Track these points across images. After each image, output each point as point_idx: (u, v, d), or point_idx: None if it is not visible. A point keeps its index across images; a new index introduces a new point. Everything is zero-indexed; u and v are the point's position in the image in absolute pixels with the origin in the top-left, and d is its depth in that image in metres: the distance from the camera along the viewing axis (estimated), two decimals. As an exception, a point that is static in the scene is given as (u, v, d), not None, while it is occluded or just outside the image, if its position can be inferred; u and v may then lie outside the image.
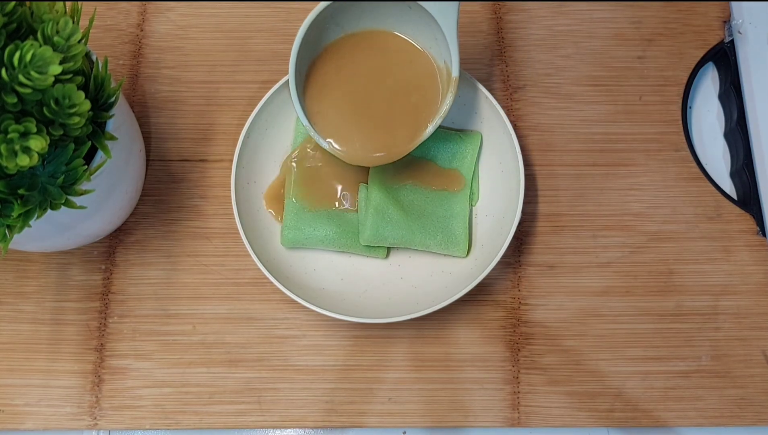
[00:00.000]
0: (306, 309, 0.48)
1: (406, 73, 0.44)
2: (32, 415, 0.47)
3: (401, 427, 0.47)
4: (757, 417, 0.47)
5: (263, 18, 0.55)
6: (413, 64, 0.44)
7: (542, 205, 0.51)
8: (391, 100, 0.43)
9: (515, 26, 0.55)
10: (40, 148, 0.32)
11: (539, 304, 0.49)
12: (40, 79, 0.31)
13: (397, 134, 0.44)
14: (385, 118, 0.44)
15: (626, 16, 0.56)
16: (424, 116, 0.44)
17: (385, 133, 0.44)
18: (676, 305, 0.49)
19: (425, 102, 0.43)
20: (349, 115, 0.43)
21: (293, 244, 0.48)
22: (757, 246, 0.50)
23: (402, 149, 0.44)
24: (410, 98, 0.43)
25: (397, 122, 0.44)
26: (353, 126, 0.43)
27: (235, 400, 0.47)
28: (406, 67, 0.44)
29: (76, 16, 0.37)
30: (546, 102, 0.53)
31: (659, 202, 0.51)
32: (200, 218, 0.51)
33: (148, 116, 0.53)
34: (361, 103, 0.43)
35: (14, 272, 0.49)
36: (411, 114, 0.44)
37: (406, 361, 0.48)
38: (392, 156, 0.44)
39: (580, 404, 0.47)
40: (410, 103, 0.43)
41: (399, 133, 0.44)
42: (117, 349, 0.48)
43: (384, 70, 0.43)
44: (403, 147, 0.44)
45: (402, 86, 0.44)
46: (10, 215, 0.35)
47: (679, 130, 0.53)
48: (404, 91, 0.44)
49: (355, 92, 0.43)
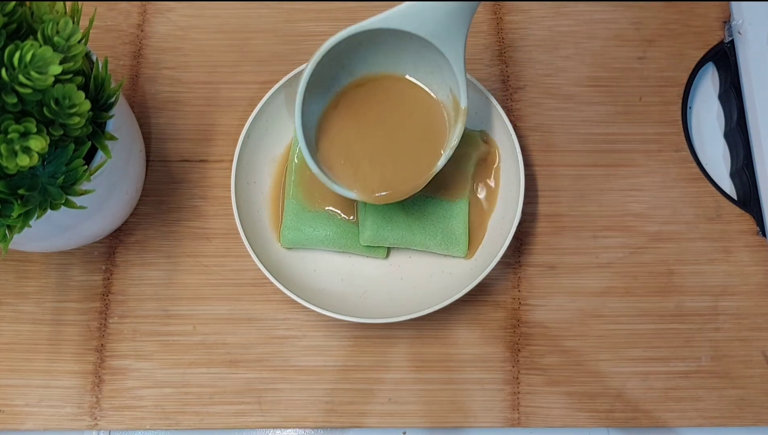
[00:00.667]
0: (306, 309, 0.48)
1: (413, 113, 0.43)
2: (32, 416, 0.47)
3: (401, 428, 0.47)
4: (756, 417, 0.47)
5: (264, 19, 0.55)
6: (420, 105, 0.43)
7: (542, 206, 0.51)
8: (401, 142, 0.43)
9: (515, 26, 0.55)
10: (40, 148, 0.32)
11: (539, 305, 0.49)
12: (40, 80, 0.31)
13: (410, 171, 0.43)
14: (396, 159, 0.43)
15: (626, 17, 0.56)
16: (435, 148, 0.43)
17: (398, 172, 0.43)
18: (676, 306, 0.49)
19: (435, 137, 0.43)
20: (362, 160, 0.43)
21: (293, 245, 0.48)
22: (757, 246, 0.50)
23: (420, 182, 0.43)
24: (420, 136, 0.43)
25: (409, 160, 0.43)
26: (368, 170, 0.43)
27: (235, 401, 0.47)
28: (413, 108, 0.43)
29: (76, 17, 0.37)
30: (546, 102, 0.53)
31: (659, 203, 0.51)
32: (200, 219, 0.51)
33: (149, 117, 0.53)
34: (372, 148, 0.43)
35: (14, 272, 0.49)
36: (422, 150, 0.43)
37: (406, 362, 0.48)
38: (411, 190, 0.43)
39: (581, 405, 0.47)
40: (421, 141, 0.43)
41: (413, 170, 0.43)
42: (117, 349, 0.48)
43: (391, 114, 0.43)
44: (421, 179, 0.43)
45: (410, 127, 0.43)
46: (10, 215, 0.35)
47: (679, 131, 0.53)
48: (413, 131, 0.43)
49: (366, 139, 0.43)
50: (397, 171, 0.43)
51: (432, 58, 0.40)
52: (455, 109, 0.42)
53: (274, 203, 0.49)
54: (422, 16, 0.38)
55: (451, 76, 0.41)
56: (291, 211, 0.48)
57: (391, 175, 0.43)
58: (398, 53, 0.41)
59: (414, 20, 0.38)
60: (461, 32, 0.39)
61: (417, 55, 0.41)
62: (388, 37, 0.39)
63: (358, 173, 0.43)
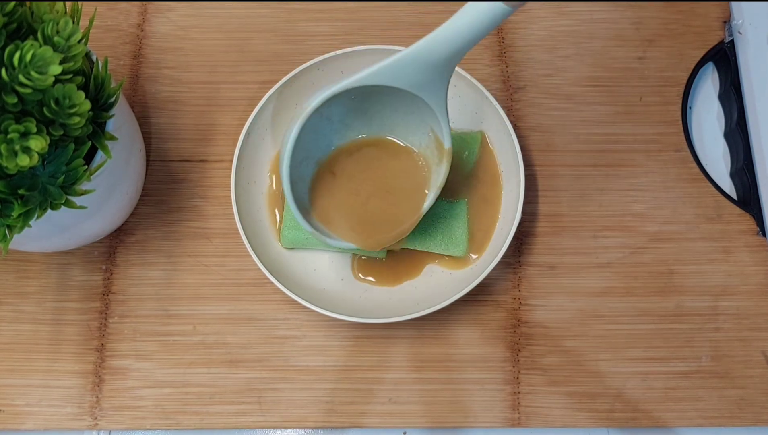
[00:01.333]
0: (306, 309, 0.48)
1: (397, 166, 0.45)
2: (33, 416, 0.47)
3: (401, 428, 0.47)
4: (756, 417, 0.47)
5: (264, 18, 0.55)
6: (403, 158, 0.45)
7: (543, 206, 0.51)
8: (389, 193, 0.45)
9: (515, 27, 0.55)
10: (40, 148, 0.32)
11: (539, 305, 0.49)
12: (40, 79, 0.31)
13: (400, 217, 0.45)
14: (387, 208, 0.45)
15: (626, 17, 0.56)
16: (421, 192, 0.45)
17: (389, 220, 0.45)
18: (676, 306, 0.49)
19: (418, 182, 0.45)
20: (356, 215, 0.44)
21: (293, 245, 0.48)
22: (757, 246, 0.50)
23: (409, 225, 0.45)
24: (405, 184, 0.45)
25: (398, 208, 0.45)
26: (362, 223, 0.44)
27: (235, 401, 0.47)
28: (397, 162, 0.45)
29: (76, 17, 0.37)
30: (546, 102, 0.53)
31: (659, 203, 0.51)
32: (200, 218, 0.51)
33: (149, 116, 0.53)
34: (364, 203, 0.45)
35: (14, 272, 0.49)
36: (409, 196, 0.45)
37: (406, 362, 0.48)
38: (403, 234, 0.45)
39: (581, 404, 0.47)
40: (406, 189, 0.45)
41: (402, 216, 0.45)
42: (117, 349, 0.48)
43: (377, 171, 0.45)
44: (410, 223, 0.45)
45: (396, 179, 0.45)
46: (10, 215, 0.35)
47: (679, 131, 0.53)
48: (398, 181, 0.45)
49: (357, 196, 0.45)
50: (388, 219, 0.44)
51: (413, 102, 0.41)
52: (439, 150, 0.43)
53: (274, 203, 0.49)
54: (407, 71, 0.38)
55: (433, 118, 0.41)
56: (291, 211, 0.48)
57: (383, 224, 0.44)
58: (380, 101, 0.42)
59: (399, 75, 0.38)
60: (444, 82, 0.39)
61: (397, 101, 0.41)
62: (371, 90, 0.40)
63: (354, 227, 0.44)
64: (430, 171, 0.44)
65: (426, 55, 0.37)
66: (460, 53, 0.37)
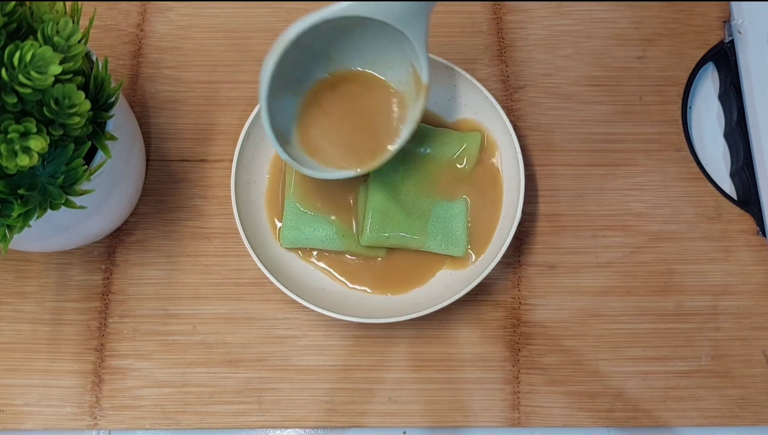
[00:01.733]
0: (306, 309, 0.48)
1: (376, 104, 0.45)
2: (32, 415, 0.47)
3: (401, 427, 0.47)
4: (757, 417, 0.47)
5: (264, 18, 0.55)
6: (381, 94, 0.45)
7: (542, 205, 0.51)
8: (369, 124, 0.45)
9: (515, 26, 0.55)
10: (40, 148, 0.32)
11: (539, 304, 0.49)
12: (40, 79, 0.31)
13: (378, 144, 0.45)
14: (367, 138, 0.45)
15: (626, 17, 0.56)
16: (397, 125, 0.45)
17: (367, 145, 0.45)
18: (676, 305, 0.49)
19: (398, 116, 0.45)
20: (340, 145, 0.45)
21: (293, 244, 0.48)
22: (757, 246, 0.50)
23: (384, 154, 0.45)
24: (384, 118, 0.45)
25: (376, 135, 0.45)
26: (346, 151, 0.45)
27: (235, 400, 0.47)
28: (376, 98, 0.45)
29: (76, 16, 0.37)
30: (546, 102, 0.53)
31: (659, 202, 0.51)
32: (200, 218, 0.51)
33: (148, 116, 0.53)
34: (347, 134, 0.45)
35: (14, 272, 0.49)
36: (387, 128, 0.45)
37: (406, 361, 0.48)
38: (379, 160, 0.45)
39: (580, 404, 0.47)
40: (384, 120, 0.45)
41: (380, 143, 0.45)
42: (117, 349, 0.48)
43: (359, 104, 0.45)
44: (385, 152, 0.45)
45: (374, 111, 0.45)
46: (10, 215, 0.35)
47: (679, 130, 0.53)
48: (377, 114, 0.45)
49: (342, 127, 0.45)
50: (368, 146, 0.45)
51: (394, 36, 0.41)
52: (417, 85, 0.43)
53: (274, 203, 0.49)
54: (389, 3, 0.38)
55: (413, 53, 0.41)
56: (291, 211, 0.48)
57: (363, 150, 0.45)
58: (362, 34, 0.42)
59: (379, 7, 0.38)
60: (424, 16, 0.40)
61: (379, 34, 0.41)
62: (352, 22, 0.40)
63: (340, 155, 0.44)
64: (407, 107, 0.44)
65: None
66: None
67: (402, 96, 0.44)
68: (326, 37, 0.41)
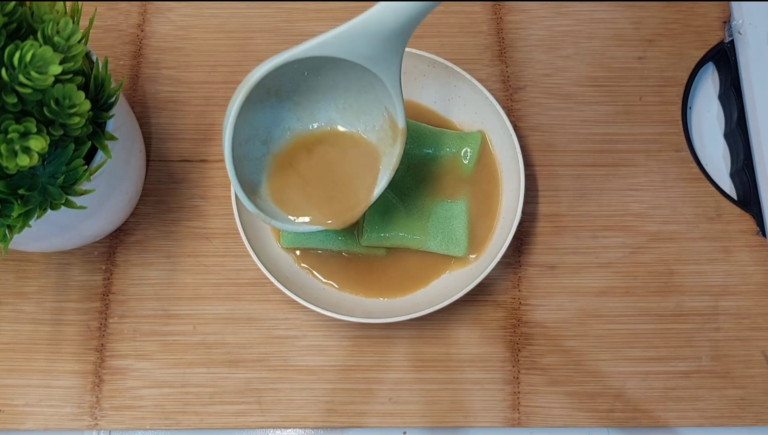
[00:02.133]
0: (306, 309, 0.48)
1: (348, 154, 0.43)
2: (32, 416, 0.47)
3: (401, 428, 0.47)
4: (757, 417, 0.47)
5: (264, 18, 0.55)
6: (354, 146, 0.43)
7: (542, 206, 0.51)
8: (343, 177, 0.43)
9: (515, 27, 0.55)
10: (40, 148, 0.32)
11: (539, 305, 0.49)
12: (40, 79, 0.31)
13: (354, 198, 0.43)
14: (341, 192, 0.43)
15: (626, 17, 0.56)
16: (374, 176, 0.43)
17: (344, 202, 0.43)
18: (676, 305, 0.49)
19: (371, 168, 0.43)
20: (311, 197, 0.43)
21: (293, 244, 0.48)
22: (757, 246, 0.50)
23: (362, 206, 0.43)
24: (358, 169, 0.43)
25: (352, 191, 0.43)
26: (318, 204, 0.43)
27: (235, 401, 0.47)
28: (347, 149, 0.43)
29: (76, 17, 0.37)
30: (546, 102, 0.53)
31: (659, 203, 0.51)
32: (200, 218, 0.51)
33: (149, 116, 0.53)
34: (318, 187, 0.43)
35: (14, 272, 0.49)
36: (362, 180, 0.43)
37: (406, 362, 0.48)
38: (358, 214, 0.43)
39: (581, 404, 0.47)
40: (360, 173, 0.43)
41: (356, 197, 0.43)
42: (117, 349, 0.48)
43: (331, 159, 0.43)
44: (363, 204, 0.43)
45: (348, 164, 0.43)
46: (10, 215, 0.35)
47: (679, 131, 0.53)
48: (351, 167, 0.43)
49: (312, 180, 0.43)
50: (343, 201, 0.43)
51: (365, 79, 0.39)
52: (393, 130, 0.41)
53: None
54: (357, 42, 0.36)
55: (387, 96, 0.39)
56: None
57: (338, 205, 0.43)
58: (332, 78, 0.40)
59: (349, 46, 0.36)
60: (396, 57, 0.37)
61: (350, 77, 0.39)
62: (321, 63, 0.38)
63: (315, 208, 0.42)
64: (383, 155, 0.42)
65: (377, 25, 0.35)
66: (412, 24, 0.35)
67: (376, 147, 0.42)
68: (293, 81, 0.39)
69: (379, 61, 0.37)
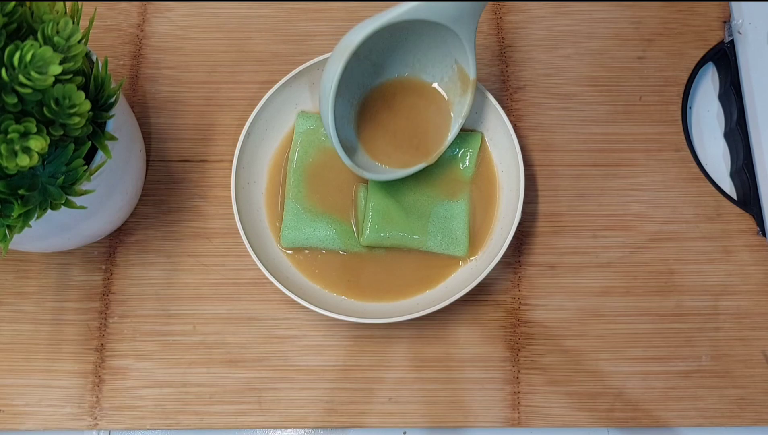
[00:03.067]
0: (306, 309, 0.48)
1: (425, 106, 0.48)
2: (32, 415, 0.47)
3: (401, 427, 0.47)
4: (757, 417, 0.47)
5: (264, 18, 0.55)
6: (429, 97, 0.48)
7: (542, 205, 0.51)
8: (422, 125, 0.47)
9: (515, 26, 0.55)
10: (40, 148, 0.32)
11: (539, 304, 0.49)
12: (40, 79, 0.31)
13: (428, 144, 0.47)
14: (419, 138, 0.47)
15: (626, 17, 0.56)
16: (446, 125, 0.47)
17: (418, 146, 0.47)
18: (676, 305, 0.49)
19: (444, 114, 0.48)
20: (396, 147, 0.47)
21: (293, 244, 0.48)
22: (757, 246, 0.50)
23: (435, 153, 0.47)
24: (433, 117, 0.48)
25: (425, 136, 0.47)
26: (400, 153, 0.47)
27: (235, 400, 0.47)
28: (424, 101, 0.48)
29: (76, 17, 0.37)
30: (546, 102, 0.53)
31: (659, 202, 0.51)
32: (200, 218, 0.51)
33: (149, 116, 0.53)
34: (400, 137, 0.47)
35: (14, 272, 0.49)
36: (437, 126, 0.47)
37: (406, 361, 0.48)
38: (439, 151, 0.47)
39: (580, 404, 0.47)
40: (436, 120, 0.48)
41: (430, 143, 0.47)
42: (117, 349, 0.48)
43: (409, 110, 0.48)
44: (436, 150, 0.47)
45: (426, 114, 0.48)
46: (10, 215, 0.35)
47: (679, 130, 0.53)
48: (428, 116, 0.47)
49: (394, 130, 0.47)
50: (427, 145, 0.47)
51: (442, 37, 0.43)
52: (463, 81, 0.45)
53: (274, 203, 0.49)
54: (448, 6, 0.41)
55: (460, 51, 0.43)
56: (291, 211, 0.48)
57: (424, 149, 0.47)
58: (406, 38, 0.44)
59: (435, 8, 0.41)
60: (476, 15, 0.42)
61: (424, 36, 0.43)
62: (399, 26, 0.41)
63: (404, 153, 0.47)
64: (454, 103, 0.47)
65: None
66: None
67: (445, 97, 0.47)
68: (373, 41, 0.42)
69: (461, 22, 0.42)
